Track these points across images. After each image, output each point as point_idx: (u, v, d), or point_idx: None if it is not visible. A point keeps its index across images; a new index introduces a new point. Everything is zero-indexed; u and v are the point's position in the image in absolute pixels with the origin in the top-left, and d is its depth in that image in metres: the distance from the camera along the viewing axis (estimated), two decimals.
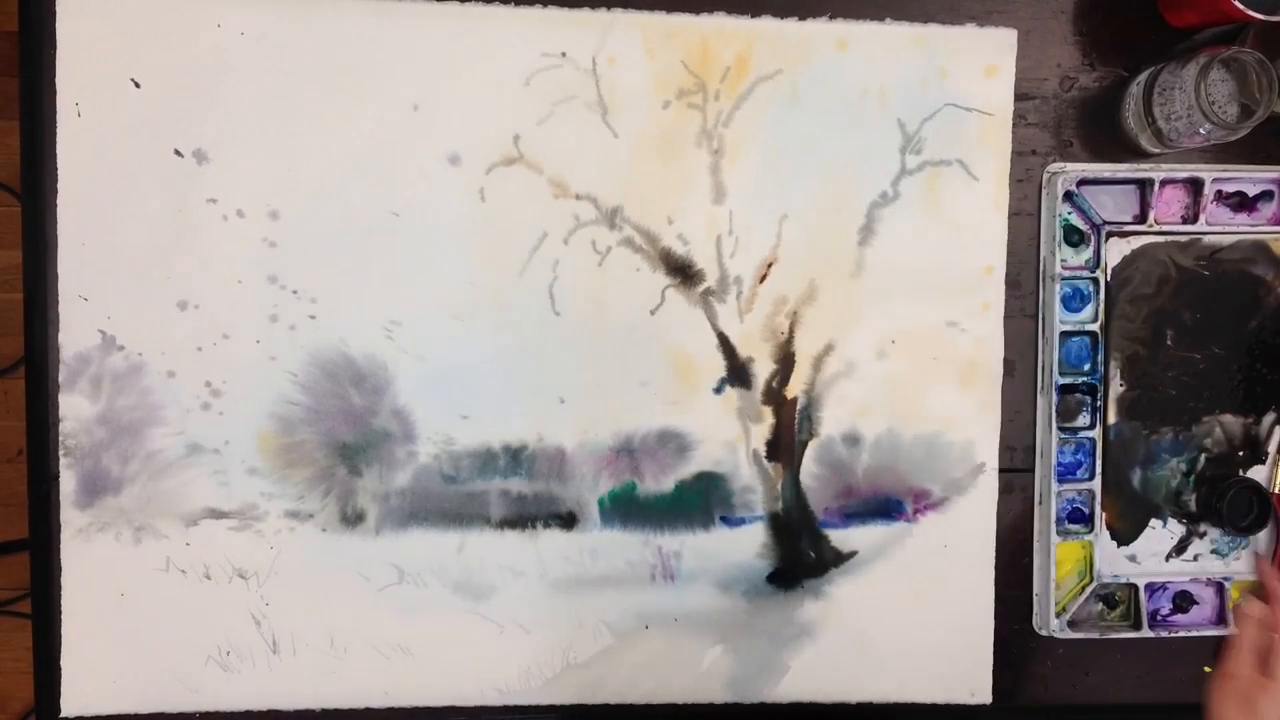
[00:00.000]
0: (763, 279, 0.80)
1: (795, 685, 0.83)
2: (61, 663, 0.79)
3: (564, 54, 0.78)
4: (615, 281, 0.79)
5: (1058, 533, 0.82)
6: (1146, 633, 0.82)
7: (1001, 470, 0.83)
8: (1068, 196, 0.81)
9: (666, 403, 0.81)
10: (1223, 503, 0.82)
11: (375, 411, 0.79)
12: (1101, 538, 0.83)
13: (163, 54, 0.76)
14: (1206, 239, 0.82)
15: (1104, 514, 0.83)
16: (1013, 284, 0.82)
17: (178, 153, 0.77)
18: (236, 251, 0.77)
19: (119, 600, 0.79)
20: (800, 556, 0.82)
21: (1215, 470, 0.84)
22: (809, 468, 0.82)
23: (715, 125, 0.79)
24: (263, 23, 0.76)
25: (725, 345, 0.81)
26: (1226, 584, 0.84)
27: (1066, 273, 0.81)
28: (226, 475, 0.78)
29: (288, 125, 0.77)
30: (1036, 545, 0.83)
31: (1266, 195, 0.83)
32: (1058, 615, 0.82)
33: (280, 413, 0.78)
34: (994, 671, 0.84)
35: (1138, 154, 0.82)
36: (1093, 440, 0.82)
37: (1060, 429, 0.82)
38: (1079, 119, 0.82)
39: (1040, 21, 0.81)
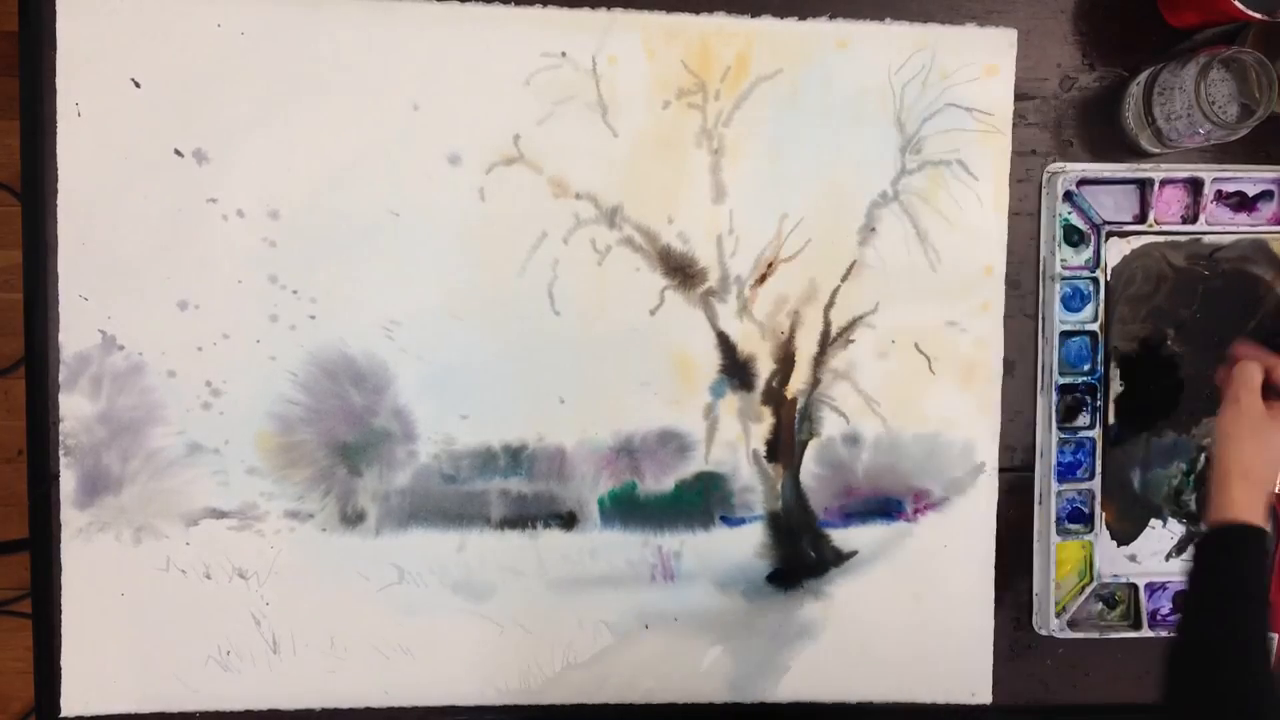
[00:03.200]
0: (763, 279, 0.80)
1: (795, 685, 0.83)
2: (61, 663, 0.79)
3: (564, 54, 0.78)
4: (615, 281, 0.79)
5: (1058, 533, 0.82)
6: (1146, 633, 0.82)
7: (1001, 470, 0.83)
8: (1068, 196, 0.81)
9: (666, 403, 0.81)
10: None
11: (375, 411, 0.79)
12: (1101, 538, 0.83)
13: (163, 54, 0.76)
14: (1206, 239, 0.82)
15: (1104, 514, 0.83)
16: (1013, 284, 0.82)
17: (178, 153, 0.77)
18: (236, 251, 0.77)
19: (119, 600, 0.79)
20: (800, 556, 0.82)
21: None
22: (809, 468, 0.82)
23: (715, 125, 0.79)
24: (262, 23, 0.76)
25: (725, 345, 0.81)
26: None
27: (1066, 273, 0.81)
28: (226, 475, 0.78)
29: (288, 125, 0.77)
30: (1036, 545, 0.83)
31: (1266, 195, 0.83)
32: (1058, 615, 0.82)
33: (280, 412, 0.78)
34: (994, 671, 0.84)
35: (1138, 154, 0.82)
36: (1093, 440, 0.82)
37: (1060, 429, 0.82)
38: (1079, 119, 0.82)
39: (1040, 21, 0.81)
